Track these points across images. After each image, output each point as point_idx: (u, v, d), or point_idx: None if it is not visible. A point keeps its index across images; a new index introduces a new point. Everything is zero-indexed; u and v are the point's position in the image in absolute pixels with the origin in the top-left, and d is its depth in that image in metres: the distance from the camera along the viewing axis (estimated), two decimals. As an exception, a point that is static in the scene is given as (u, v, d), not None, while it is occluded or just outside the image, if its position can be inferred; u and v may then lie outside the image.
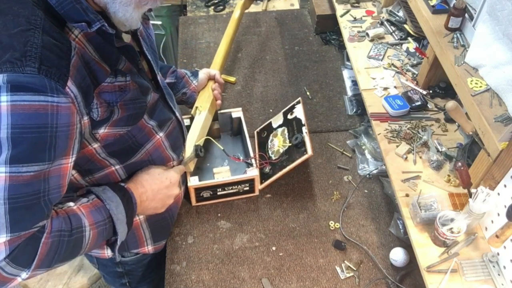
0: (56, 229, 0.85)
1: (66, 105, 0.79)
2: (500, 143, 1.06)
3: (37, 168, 0.79)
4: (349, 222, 1.41)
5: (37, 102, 0.75)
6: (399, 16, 1.84)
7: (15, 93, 0.73)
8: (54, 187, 0.84)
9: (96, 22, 0.82)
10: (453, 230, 1.14)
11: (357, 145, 1.61)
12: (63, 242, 0.87)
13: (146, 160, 1.11)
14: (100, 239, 0.97)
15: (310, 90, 1.84)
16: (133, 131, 1.01)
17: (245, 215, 1.43)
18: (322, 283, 1.27)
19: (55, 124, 0.78)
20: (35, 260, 0.82)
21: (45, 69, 0.75)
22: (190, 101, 1.51)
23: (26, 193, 0.78)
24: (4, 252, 0.77)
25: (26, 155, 0.77)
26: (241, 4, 1.87)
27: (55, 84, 0.76)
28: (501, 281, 1.09)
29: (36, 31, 0.77)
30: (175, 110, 1.19)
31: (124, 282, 1.39)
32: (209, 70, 1.58)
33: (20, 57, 0.74)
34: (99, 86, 0.88)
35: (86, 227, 0.92)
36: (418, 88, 1.60)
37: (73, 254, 0.92)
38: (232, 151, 1.57)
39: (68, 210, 0.91)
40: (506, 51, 1.12)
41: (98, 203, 0.97)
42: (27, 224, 0.80)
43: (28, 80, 0.74)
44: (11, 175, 0.76)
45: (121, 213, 1.00)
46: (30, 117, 0.75)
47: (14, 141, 0.75)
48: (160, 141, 1.12)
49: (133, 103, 0.96)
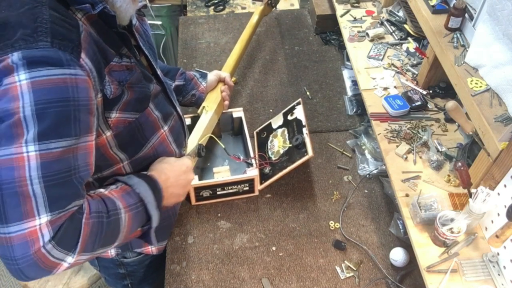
0: (94, 211, 0.86)
1: (83, 77, 0.80)
2: (500, 143, 1.06)
3: (65, 144, 0.79)
4: (349, 222, 1.41)
5: (55, 76, 0.76)
6: (399, 16, 1.84)
7: (32, 69, 0.74)
8: (83, 165, 0.84)
9: (99, 4, 0.83)
10: (453, 230, 1.14)
11: (357, 145, 1.61)
12: (103, 224, 0.87)
13: (151, 155, 1.12)
14: (135, 223, 0.97)
15: (310, 90, 1.84)
16: (140, 119, 1.02)
17: (245, 215, 1.43)
18: (322, 283, 1.27)
19: (76, 97, 0.79)
20: (79, 242, 0.81)
21: (58, 42, 0.76)
22: (199, 103, 1.51)
23: (58, 170, 0.78)
24: (48, 234, 0.77)
25: (53, 130, 0.77)
26: (260, 10, 1.87)
27: (70, 56, 0.77)
28: (501, 281, 1.09)
29: (43, 8, 0.78)
30: (176, 105, 1.20)
31: (126, 284, 1.39)
32: (220, 72, 1.58)
33: (31, 33, 0.75)
34: (109, 65, 0.89)
35: (121, 209, 0.92)
36: (418, 88, 1.60)
37: (113, 238, 0.91)
38: (233, 151, 1.57)
39: (101, 195, 0.92)
40: (506, 51, 1.12)
41: (127, 188, 0.98)
42: (65, 202, 0.79)
43: (43, 54, 0.75)
44: (41, 152, 0.76)
45: (150, 196, 1.00)
46: (51, 92, 0.76)
47: (39, 117, 0.75)
48: (164, 135, 1.13)
49: (139, 86, 0.98)
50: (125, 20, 0.96)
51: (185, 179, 1.16)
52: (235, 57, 1.69)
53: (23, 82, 0.74)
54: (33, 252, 0.76)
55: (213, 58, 1.98)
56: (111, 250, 1.19)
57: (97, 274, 1.78)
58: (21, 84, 0.74)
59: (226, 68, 1.64)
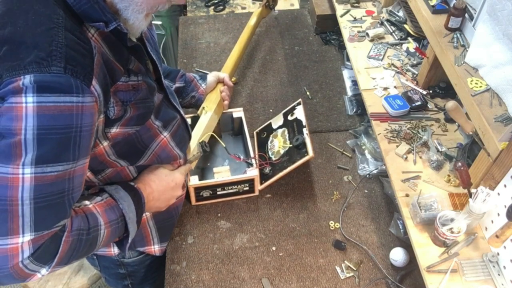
0: (76, 228, 0.86)
1: (90, 104, 0.80)
2: (500, 143, 1.06)
3: (61, 168, 0.79)
4: (349, 222, 1.41)
5: (62, 104, 0.76)
6: (399, 16, 1.84)
7: (41, 94, 0.74)
8: (77, 185, 0.85)
9: (113, 21, 0.83)
10: (453, 230, 1.14)
11: (357, 145, 1.61)
12: (82, 241, 0.88)
13: (155, 162, 1.12)
14: (112, 237, 0.99)
15: (310, 90, 1.84)
16: (140, 130, 1.02)
17: (245, 215, 1.43)
18: (322, 283, 1.27)
19: (80, 124, 0.79)
20: (56, 258, 0.83)
21: (71, 68, 0.76)
22: (198, 104, 1.51)
23: (50, 192, 0.79)
24: (28, 251, 0.78)
25: (51, 155, 0.78)
26: (258, 12, 1.88)
27: (81, 83, 0.77)
28: (501, 281, 1.10)
29: (60, 30, 0.77)
30: (179, 108, 1.20)
31: (127, 284, 1.39)
32: (219, 73, 1.58)
33: (46, 57, 0.75)
34: (115, 85, 0.89)
35: (101, 226, 0.93)
36: (418, 88, 1.60)
37: (88, 252, 0.93)
38: (233, 151, 1.56)
39: (85, 209, 0.93)
40: (506, 51, 1.12)
41: (112, 202, 0.99)
42: (50, 222, 0.81)
43: (55, 80, 0.75)
44: (36, 175, 0.76)
45: (132, 212, 1.01)
46: (56, 118, 0.76)
47: (40, 142, 0.76)
48: (165, 141, 1.12)
49: (143, 102, 0.98)
50: (136, 34, 0.95)
51: (170, 195, 1.17)
52: (234, 59, 1.70)
53: (29, 104, 0.74)
54: (10, 266, 0.78)
55: (213, 58, 1.98)
56: (114, 248, 1.20)
57: (97, 274, 1.78)
58: (27, 106, 0.74)
59: (225, 69, 1.65)
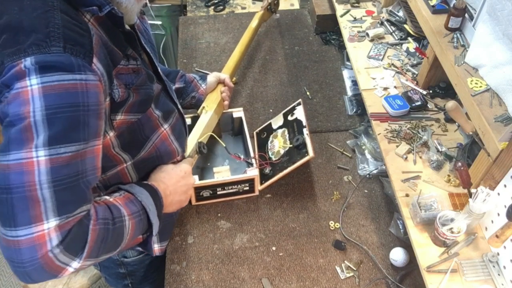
0: (101, 217, 0.87)
1: (94, 82, 0.81)
2: (500, 143, 1.06)
3: (74, 148, 0.80)
4: (349, 222, 1.41)
5: (66, 81, 0.77)
6: (399, 16, 1.84)
7: (44, 74, 0.75)
8: (90, 169, 0.85)
9: (106, 5, 0.84)
10: (453, 230, 1.14)
11: (357, 145, 1.61)
12: (109, 230, 0.88)
13: (154, 155, 1.13)
14: (138, 230, 0.99)
15: (310, 90, 1.84)
16: (142, 119, 1.04)
17: (245, 215, 1.43)
18: (322, 283, 1.27)
19: (86, 103, 0.80)
20: (86, 248, 0.82)
21: (70, 47, 0.77)
22: (198, 104, 1.52)
23: (66, 175, 0.79)
24: (56, 238, 0.77)
25: (63, 135, 0.78)
26: (259, 15, 1.90)
27: (82, 61, 0.78)
28: (501, 281, 1.10)
29: (55, 12, 0.78)
30: (177, 102, 1.21)
31: (127, 283, 1.39)
32: (219, 74, 1.59)
33: (44, 38, 0.76)
34: (116, 68, 0.90)
35: (125, 217, 0.94)
36: (418, 88, 1.60)
37: (117, 244, 0.93)
38: (233, 151, 1.56)
39: (107, 201, 0.93)
40: (506, 51, 1.12)
41: (130, 196, 1.00)
42: (73, 207, 0.80)
43: (55, 59, 0.76)
44: (51, 157, 0.77)
45: (152, 205, 1.02)
46: (62, 97, 0.77)
47: (50, 122, 0.76)
48: (166, 134, 1.14)
49: (144, 88, 0.99)
50: (132, 19, 0.97)
51: (185, 185, 1.17)
52: (234, 60, 1.70)
53: (34, 86, 0.75)
54: (40, 256, 0.76)
55: (213, 58, 1.98)
56: None
57: (98, 274, 1.78)
58: (32, 88, 0.75)
59: (225, 70, 1.65)
